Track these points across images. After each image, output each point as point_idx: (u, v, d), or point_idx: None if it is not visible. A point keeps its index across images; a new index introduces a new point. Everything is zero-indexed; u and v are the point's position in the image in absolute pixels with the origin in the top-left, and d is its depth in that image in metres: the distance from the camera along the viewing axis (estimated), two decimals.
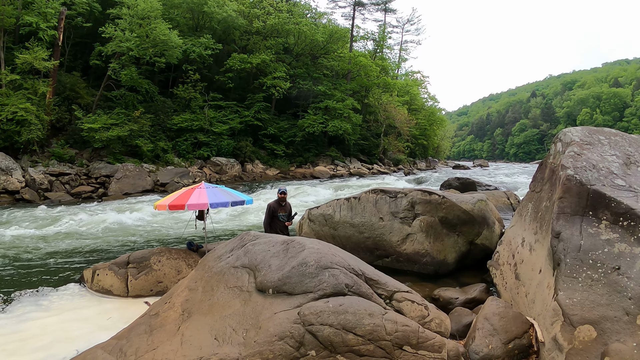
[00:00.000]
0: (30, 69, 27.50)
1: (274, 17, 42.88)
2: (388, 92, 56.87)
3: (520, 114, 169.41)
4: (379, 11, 65.94)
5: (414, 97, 70.42)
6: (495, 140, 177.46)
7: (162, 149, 33.81)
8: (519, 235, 7.09)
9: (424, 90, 78.77)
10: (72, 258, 11.65)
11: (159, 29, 31.79)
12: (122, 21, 31.27)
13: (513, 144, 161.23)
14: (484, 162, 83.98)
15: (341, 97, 46.63)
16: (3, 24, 26.65)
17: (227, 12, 38.64)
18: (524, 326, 5.20)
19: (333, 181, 35.62)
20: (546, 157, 7.15)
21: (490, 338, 5.03)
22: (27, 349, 6.41)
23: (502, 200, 15.52)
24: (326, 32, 48.65)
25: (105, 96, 33.22)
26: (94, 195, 25.22)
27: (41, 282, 9.40)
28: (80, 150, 29.66)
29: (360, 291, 4.89)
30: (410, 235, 9.13)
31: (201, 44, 37.11)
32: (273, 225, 8.92)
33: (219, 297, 5.19)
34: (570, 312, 4.52)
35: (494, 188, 21.84)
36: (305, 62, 48.38)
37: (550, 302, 4.89)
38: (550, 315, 4.75)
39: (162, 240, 14.04)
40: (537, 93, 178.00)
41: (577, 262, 4.88)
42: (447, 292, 7.55)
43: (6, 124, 25.11)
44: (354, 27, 58.42)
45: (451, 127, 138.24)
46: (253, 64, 40.81)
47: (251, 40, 43.79)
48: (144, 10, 31.35)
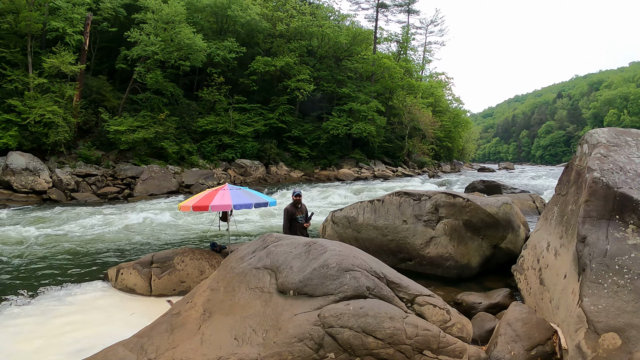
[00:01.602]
0: (58, 73, 28.14)
1: (297, 20, 42.99)
2: (412, 94, 56.52)
3: (546, 115, 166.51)
4: (402, 12, 65.69)
5: (438, 99, 69.84)
6: (521, 142, 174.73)
7: (187, 150, 34.19)
8: (544, 239, 6.97)
9: (448, 92, 78.25)
10: (97, 257, 11.87)
11: (184, 33, 32.21)
12: (147, 26, 31.78)
13: (539, 146, 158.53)
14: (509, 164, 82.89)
15: (365, 99, 46.49)
16: (30, 29, 27.32)
17: (250, 15, 38.89)
18: (547, 333, 5.11)
19: (357, 184, 35.52)
20: (572, 160, 7.02)
21: (513, 344, 4.95)
22: (51, 343, 6.57)
23: (527, 204, 15.27)
24: (349, 34, 48.59)
25: (131, 99, 33.77)
26: (119, 196, 25.65)
27: (66, 279, 9.62)
28: (106, 152, 30.19)
29: (382, 294, 4.88)
30: (433, 239, 9.05)
31: (225, 47, 37.41)
32: (292, 228, 8.98)
33: (240, 297, 5.22)
34: (594, 319, 4.42)
35: (519, 191, 21.51)
36: (329, 65, 48.36)
37: (574, 308, 4.79)
38: (575, 321, 4.65)
39: (185, 240, 14.19)
40: (563, 94, 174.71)
41: (602, 268, 4.78)
42: (470, 296, 7.46)
43: (34, 126, 25.76)
44: (377, 28, 58.31)
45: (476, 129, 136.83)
46: (277, 66, 40.98)
47: (275, 43, 43.97)
48: (169, 15, 31.80)
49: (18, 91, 26.80)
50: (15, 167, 23.42)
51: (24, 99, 26.39)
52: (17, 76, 26.91)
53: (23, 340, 6.62)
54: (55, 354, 6.22)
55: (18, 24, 27.03)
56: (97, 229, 15.84)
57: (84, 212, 19.19)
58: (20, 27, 27.11)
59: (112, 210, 19.91)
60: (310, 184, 34.26)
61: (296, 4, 44.97)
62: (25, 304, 8.20)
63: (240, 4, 38.95)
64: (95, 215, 18.13)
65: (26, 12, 26.78)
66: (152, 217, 17.93)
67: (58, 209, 20.15)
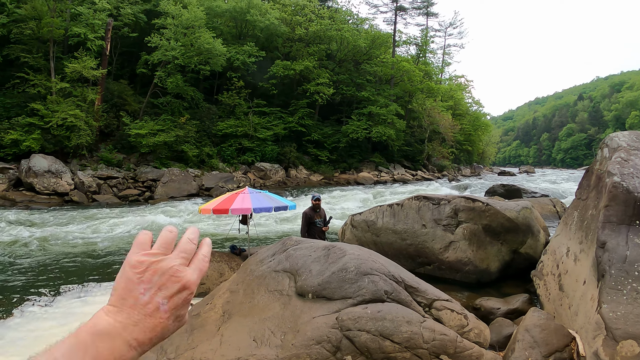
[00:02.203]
0: (79, 78, 28.69)
1: (316, 24, 43.16)
2: (432, 97, 56.27)
3: (567, 118, 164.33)
4: (420, 15, 65.57)
5: (458, 102, 69.39)
6: (542, 145, 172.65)
7: (207, 154, 34.53)
8: (564, 244, 6.92)
9: (468, 95, 77.58)
10: (118, 258, 12.07)
11: (203, 38, 32.59)
12: (167, 31, 32.21)
13: (560, 150, 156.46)
14: (530, 168, 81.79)
15: (385, 102, 46.45)
16: (53, 35, 27.90)
17: (269, 20, 39.17)
18: (565, 339, 5.08)
19: (376, 187, 35.48)
20: (593, 163, 6.97)
21: (530, 350, 4.94)
22: None
23: (547, 208, 15.12)
24: (368, 38, 48.58)
25: (151, 103, 34.24)
26: (140, 199, 26.01)
27: (88, 279, 9.80)
28: (127, 155, 30.65)
29: (399, 298, 4.91)
30: (452, 243, 9.03)
31: (245, 51, 37.72)
32: (311, 232, 9.02)
33: (259, 299, 5.30)
34: (613, 326, 4.39)
35: (539, 195, 21.31)
36: (348, 68, 48.40)
37: (593, 315, 4.77)
38: (593, 328, 4.63)
39: None
40: (584, 96, 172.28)
41: (622, 274, 4.75)
42: (488, 301, 7.44)
43: (56, 129, 26.29)
44: (396, 32, 58.25)
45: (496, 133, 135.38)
46: (296, 70, 41.18)
47: (294, 47, 44.18)
48: (188, 20, 32.21)
49: (41, 95, 27.38)
50: (38, 170, 23.88)
51: (46, 103, 26.95)
52: (39, 81, 27.50)
53: (44, 341, 6.74)
54: None
55: (40, 30, 27.64)
56: (118, 230, 16.10)
57: (105, 213, 19.50)
58: (43, 33, 27.71)
59: (133, 212, 20.19)
60: (329, 188, 34.31)
61: (315, 8, 45.15)
62: (47, 304, 8.37)
63: (259, 8, 39.26)
64: (116, 217, 18.41)
65: (48, 18, 27.38)
66: (172, 220, 18.16)
67: (79, 211, 20.51)
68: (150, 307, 0.73)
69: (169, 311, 0.75)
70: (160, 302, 0.73)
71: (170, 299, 0.74)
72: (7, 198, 22.59)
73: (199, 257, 0.81)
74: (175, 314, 0.76)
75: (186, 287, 0.76)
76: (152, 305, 0.73)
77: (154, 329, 0.73)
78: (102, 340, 0.68)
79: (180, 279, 0.75)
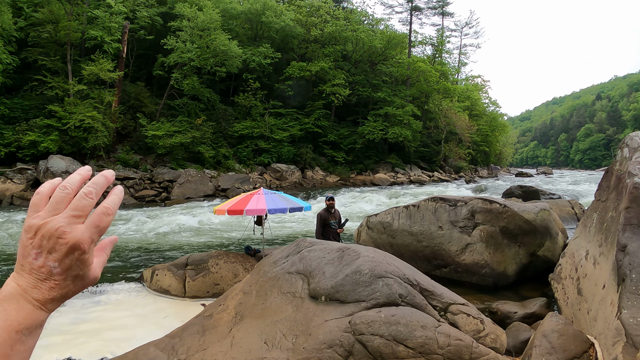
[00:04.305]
0: (97, 80, 29.06)
1: (331, 25, 43.15)
2: (448, 98, 55.91)
3: (585, 118, 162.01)
4: (436, 15, 65.31)
5: (474, 103, 68.83)
6: (560, 146, 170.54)
7: (224, 155, 34.71)
8: (583, 247, 6.79)
9: (484, 95, 76.98)
10: (133, 258, 12.15)
11: (219, 40, 32.78)
12: (183, 33, 32.45)
13: (578, 150, 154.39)
14: (547, 169, 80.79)
15: (401, 103, 46.26)
16: (70, 38, 28.32)
17: (284, 21, 39.27)
18: (584, 345, 4.95)
19: (393, 188, 35.33)
20: (612, 164, 6.83)
21: (548, 356, 4.82)
22: (84, 341, 6.74)
23: (566, 210, 14.89)
24: (384, 38, 48.40)
25: (168, 105, 34.52)
26: (157, 199, 26.21)
27: (102, 279, 9.83)
28: (144, 156, 30.92)
29: (414, 302, 4.83)
30: (469, 245, 8.92)
31: (260, 53, 37.85)
32: (325, 234, 8.96)
33: (272, 301, 5.25)
34: (633, 333, 4.26)
35: (557, 197, 21.04)
36: (364, 69, 48.29)
37: (612, 320, 4.64)
38: (612, 334, 4.50)
39: (220, 244, 14.37)
40: (602, 95, 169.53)
41: None
42: (505, 305, 7.32)
43: (74, 130, 26.67)
44: (412, 32, 57.98)
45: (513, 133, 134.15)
46: (312, 71, 41.20)
47: (309, 48, 44.22)
48: (204, 22, 32.42)
49: (58, 97, 27.82)
50: (56, 170, 24.18)
51: (64, 105, 27.37)
52: (57, 83, 27.94)
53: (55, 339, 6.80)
54: (87, 353, 6.38)
55: (58, 34, 28.11)
56: (134, 231, 16.22)
57: (122, 214, 19.65)
58: (60, 36, 28.15)
59: (150, 213, 20.33)
60: (346, 189, 34.24)
61: (330, 9, 45.15)
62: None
63: (275, 10, 39.40)
64: (132, 217, 18.55)
65: (65, 21, 27.81)
66: (188, 220, 18.23)
67: None
68: (44, 271, 0.73)
69: (63, 273, 0.74)
70: (51, 266, 0.73)
71: (61, 261, 0.74)
72: (25, 198, 22.90)
73: (98, 210, 0.78)
74: (71, 275, 0.75)
75: (75, 247, 0.74)
76: (45, 269, 0.73)
77: (51, 291, 0.74)
78: (8, 302, 0.71)
79: (68, 240, 0.73)
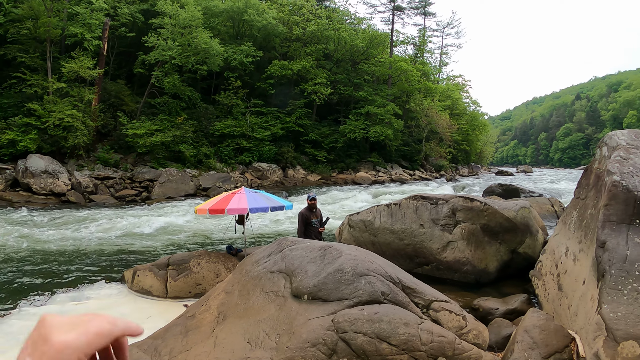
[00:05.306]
0: (76, 78, 28.58)
1: (314, 24, 43.10)
2: (429, 97, 56.19)
3: (564, 117, 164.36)
4: (418, 15, 65.49)
5: (455, 102, 69.31)
6: (539, 145, 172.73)
7: (205, 154, 34.44)
8: (563, 244, 6.87)
9: (465, 95, 77.56)
10: (114, 259, 11.98)
11: (201, 38, 32.50)
12: (164, 30, 32.10)
13: (557, 149, 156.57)
14: (527, 168, 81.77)
15: (382, 102, 46.37)
16: (49, 35, 27.80)
17: (267, 19, 39.12)
18: (565, 340, 5.01)
19: (374, 187, 35.43)
20: (591, 163, 6.92)
21: (530, 352, 4.86)
22: None
23: (546, 208, 15.07)
24: (366, 38, 48.50)
25: (149, 103, 34.13)
26: (137, 199, 25.90)
27: (83, 280, 9.73)
28: (124, 155, 30.54)
29: (397, 299, 4.83)
30: (450, 243, 8.96)
31: (242, 51, 37.62)
32: (307, 233, 8.95)
33: (254, 301, 5.22)
34: (613, 327, 4.32)
35: (537, 195, 21.26)
36: (346, 68, 48.32)
37: (593, 315, 4.70)
38: (593, 329, 4.56)
39: (202, 243, 14.27)
40: (581, 96, 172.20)
41: (622, 274, 4.68)
42: (487, 302, 7.37)
43: (53, 129, 26.20)
44: (394, 31, 58.15)
45: (494, 132, 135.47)
46: (294, 70, 41.10)
47: (291, 47, 44.11)
48: (186, 20, 32.12)
49: (37, 95, 27.28)
50: (35, 170, 23.76)
51: (43, 103, 26.84)
52: (36, 81, 27.39)
53: None
54: None
55: (37, 30, 27.56)
56: (114, 231, 16.00)
57: (101, 214, 19.40)
58: (40, 32, 27.63)
59: (130, 212, 20.09)
60: (327, 188, 34.24)
61: (312, 7, 45.10)
62: (42, 304, 8.31)
63: (257, 8, 39.21)
64: (112, 217, 18.31)
65: (45, 18, 27.28)
66: (169, 220, 18.05)
67: (76, 211, 20.40)
68: None
69: None
70: None
71: None
72: (3, 198, 22.49)
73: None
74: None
75: None
76: None
77: None
78: None
79: None
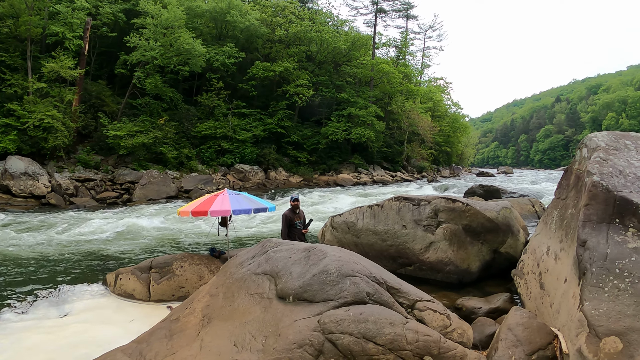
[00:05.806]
0: (57, 78, 28.17)
1: (296, 26, 43.05)
2: (411, 99, 56.56)
3: (544, 119, 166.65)
4: (400, 18, 65.95)
5: (437, 104, 69.85)
6: (520, 146, 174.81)
7: (186, 156, 34.18)
8: (544, 243, 6.96)
9: (447, 97, 78.21)
10: (96, 262, 11.83)
11: (183, 38, 32.25)
12: (146, 31, 31.78)
13: (538, 150, 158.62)
14: (508, 169, 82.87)
15: (364, 104, 46.53)
16: (30, 33, 27.39)
17: (249, 21, 38.98)
18: (548, 337, 5.08)
19: (356, 189, 35.56)
20: (571, 164, 7.02)
21: (514, 349, 4.93)
22: (48, 349, 6.53)
23: (527, 208, 15.27)
24: (348, 40, 48.56)
25: (130, 104, 33.76)
26: (118, 201, 25.63)
27: (65, 284, 9.55)
28: (105, 157, 30.17)
29: (382, 300, 4.86)
30: (433, 244, 9.02)
31: (224, 52, 37.44)
32: (291, 234, 8.94)
33: (239, 303, 5.20)
34: (595, 323, 4.40)
35: (518, 195, 21.52)
36: (328, 70, 48.41)
37: (575, 312, 4.77)
38: (576, 326, 4.64)
39: (184, 246, 14.16)
40: (561, 98, 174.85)
41: (603, 272, 4.77)
42: (470, 301, 7.44)
43: (33, 130, 25.78)
44: (376, 34, 58.39)
45: (475, 134, 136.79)
46: (276, 72, 41.00)
47: (274, 48, 44.02)
48: (168, 20, 31.84)
49: (17, 95, 26.80)
50: (14, 172, 23.38)
51: (23, 103, 26.38)
52: (16, 80, 26.94)
53: (20, 347, 6.59)
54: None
55: (18, 29, 27.15)
56: (95, 234, 15.81)
57: (82, 217, 19.16)
58: (20, 31, 27.21)
59: (111, 215, 19.87)
60: (309, 189, 34.23)
61: (295, 9, 45.09)
62: (23, 309, 8.16)
63: (240, 9, 39.04)
64: (93, 220, 18.08)
65: (26, 16, 26.86)
66: (151, 222, 17.90)
67: (57, 213, 20.12)
68: None
69: None
70: None
71: None
72: None
73: None
74: None
75: None
76: None
77: None
78: None
79: None
